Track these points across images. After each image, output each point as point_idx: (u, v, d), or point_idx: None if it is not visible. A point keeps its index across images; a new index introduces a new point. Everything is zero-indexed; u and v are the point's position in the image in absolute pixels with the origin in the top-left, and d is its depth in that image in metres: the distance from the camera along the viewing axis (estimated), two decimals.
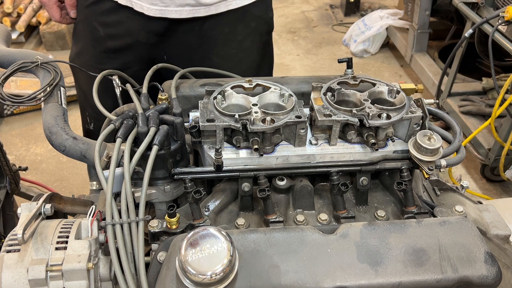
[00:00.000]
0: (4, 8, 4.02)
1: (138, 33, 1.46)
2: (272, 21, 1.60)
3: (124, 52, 1.50)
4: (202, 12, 1.41)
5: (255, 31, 1.54)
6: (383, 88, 1.13)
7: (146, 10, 1.39)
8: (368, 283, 0.79)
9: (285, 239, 0.85)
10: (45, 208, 0.92)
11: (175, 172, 0.99)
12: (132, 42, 1.48)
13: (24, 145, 3.18)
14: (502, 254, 1.00)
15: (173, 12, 1.39)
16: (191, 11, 1.40)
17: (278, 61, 4.18)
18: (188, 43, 1.48)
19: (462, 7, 2.84)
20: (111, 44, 1.49)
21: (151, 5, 1.38)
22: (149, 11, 1.39)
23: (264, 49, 1.63)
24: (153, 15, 1.40)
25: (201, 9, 1.41)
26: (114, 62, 1.36)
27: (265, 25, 1.57)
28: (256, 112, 1.02)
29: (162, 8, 1.39)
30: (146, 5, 1.38)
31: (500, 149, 2.56)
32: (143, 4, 1.38)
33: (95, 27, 1.48)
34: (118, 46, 1.49)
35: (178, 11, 1.39)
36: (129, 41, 1.48)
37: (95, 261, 0.88)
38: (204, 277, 0.73)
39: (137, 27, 1.44)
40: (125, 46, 1.49)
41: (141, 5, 1.39)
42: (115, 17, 1.45)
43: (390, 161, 1.04)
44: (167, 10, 1.39)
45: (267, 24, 1.58)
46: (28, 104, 1.10)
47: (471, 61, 3.27)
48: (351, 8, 4.94)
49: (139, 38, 1.47)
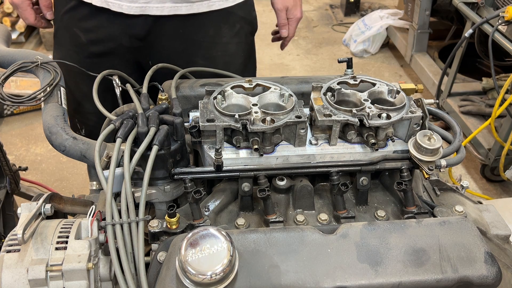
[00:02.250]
0: (4, 8, 4.02)
1: (120, 36, 1.42)
2: (255, 21, 1.61)
3: (108, 56, 1.46)
4: (184, 10, 1.38)
5: (240, 33, 1.53)
6: (383, 88, 1.13)
7: (126, 9, 1.35)
8: (368, 283, 0.79)
9: (285, 239, 0.85)
10: (45, 208, 0.92)
11: (175, 172, 0.99)
12: (115, 46, 1.44)
13: (24, 145, 3.18)
14: (502, 254, 1.00)
15: (154, 8, 1.36)
16: (172, 7, 1.37)
17: (278, 61, 4.18)
18: (172, 47, 1.46)
19: (462, 7, 2.84)
20: (94, 49, 1.45)
21: (131, 3, 1.34)
22: (129, 9, 1.35)
23: (249, 51, 1.62)
24: (134, 13, 1.36)
25: (182, 6, 1.37)
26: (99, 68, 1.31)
27: (249, 26, 1.57)
28: (256, 112, 1.02)
29: (142, 5, 1.35)
30: (125, 4, 1.34)
31: (500, 149, 2.56)
32: (122, 3, 1.34)
33: (75, 33, 1.44)
34: (101, 51, 1.45)
35: (159, 7, 1.36)
36: (112, 45, 1.44)
37: (95, 261, 0.88)
38: (204, 277, 0.73)
39: (118, 30, 1.41)
40: (109, 50, 1.45)
41: (119, 4, 1.34)
42: (94, 22, 1.41)
43: (390, 161, 1.04)
44: (148, 7, 1.35)
45: (251, 25, 1.58)
46: (28, 104, 1.10)
47: (471, 61, 3.27)
48: (351, 8, 4.94)
49: (122, 42, 1.43)
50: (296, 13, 1.62)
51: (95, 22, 1.41)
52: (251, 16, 1.57)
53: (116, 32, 1.42)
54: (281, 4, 1.59)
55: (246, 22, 1.55)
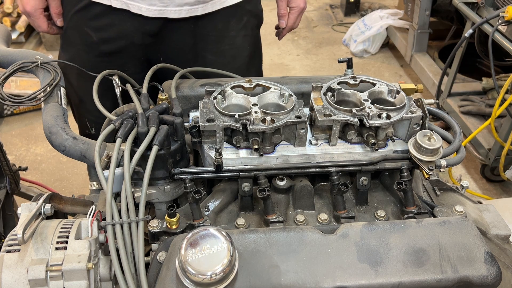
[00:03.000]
0: (4, 8, 4.02)
1: (132, 34, 1.43)
2: (261, 14, 1.60)
3: (119, 55, 1.47)
4: (200, 11, 1.41)
5: (247, 26, 1.54)
6: (383, 88, 1.13)
7: (145, 12, 1.37)
8: (368, 283, 0.79)
9: (285, 239, 0.85)
10: (45, 208, 0.92)
11: (175, 172, 0.99)
12: (127, 44, 1.45)
13: (24, 145, 3.18)
14: (502, 254, 1.00)
15: (172, 12, 1.38)
16: (189, 10, 1.39)
17: (278, 61, 4.18)
18: (182, 42, 1.47)
19: (462, 7, 2.84)
20: (105, 48, 1.46)
21: (150, 6, 1.37)
22: (148, 12, 1.37)
23: (255, 43, 1.63)
24: (152, 15, 1.38)
25: (198, 7, 1.40)
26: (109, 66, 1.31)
27: (255, 19, 1.57)
28: (256, 112, 1.02)
29: (161, 8, 1.37)
30: (144, 6, 1.37)
31: (500, 149, 2.56)
32: (141, 5, 1.36)
33: (86, 32, 1.44)
34: (112, 50, 1.46)
35: (177, 10, 1.38)
36: (123, 43, 1.45)
37: (95, 261, 0.88)
38: (204, 277, 0.73)
39: (131, 28, 1.42)
40: (120, 49, 1.46)
41: (139, 6, 1.37)
42: (107, 20, 1.41)
43: (390, 161, 1.04)
44: (166, 10, 1.38)
45: (257, 18, 1.58)
46: (28, 104, 1.10)
47: (471, 61, 3.27)
48: (351, 8, 4.94)
49: (133, 40, 1.45)
50: (299, 2, 1.56)
51: (107, 21, 1.41)
52: (257, 9, 1.57)
53: (129, 30, 1.43)
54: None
55: (253, 15, 1.55)
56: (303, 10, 1.59)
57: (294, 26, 1.63)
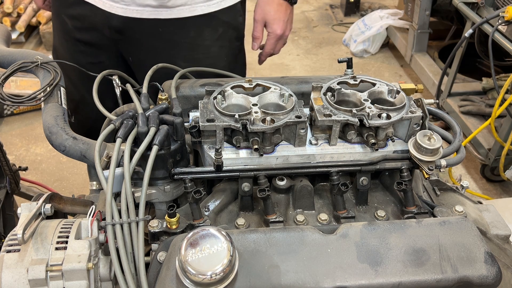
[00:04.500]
0: (4, 8, 4.02)
1: (101, 27, 1.46)
2: (242, 27, 1.56)
3: (94, 45, 1.51)
4: (164, 15, 1.40)
5: (223, 37, 1.50)
6: (383, 88, 1.13)
7: (108, 8, 1.40)
8: (368, 283, 0.79)
9: (285, 239, 0.85)
10: (45, 208, 0.92)
11: (175, 172, 0.99)
12: (98, 36, 1.48)
13: (24, 145, 3.18)
14: (502, 254, 1.00)
15: (134, 11, 1.40)
16: (152, 12, 1.39)
17: (278, 61, 4.18)
18: (151, 45, 1.47)
19: (462, 7, 2.84)
20: (79, 36, 1.51)
21: (113, 3, 1.39)
22: (111, 8, 1.40)
23: (235, 56, 1.59)
24: (115, 12, 1.40)
25: (162, 11, 1.39)
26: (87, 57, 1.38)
27: (233, 31, 1.53)
28: (256, 112, 1.02)
29: (123, 7, 1.39)
30: (108, 2, 1.39)
31: (500, 149, 2.56)
32: (105, 1, 1.39)
33: (63, 19, 1.51)
34: (86, 39, 1.50)
35: (139, 10, 1.39)
36: (95, 35, 1.48)
37: (95, 261, 0.88)
38: (204, 277, 0.73)
39: (100, 21, 1.45)
40: (93, 39, 1.50)
41: (103, 2, 1.40)
42: (80, 10, 1.46)
43: (390, 161, 1.04)
44: (129, 9, 1.39)
45: (236, 30, 1.53)
46: (28, 104, 1.10)
47: (471, 61, 3.27)
48: (351, 8, 4.94)
49: (104, 33, 1.47)
50: (275, 28, 1.49)
51: (80, 11, 1.46)
52: (236, 21, 1.52)
53: (98, 23, 1.46)
54: (259, 14, 1.50)
55: (231, 27, 1.51)
56: (281, 37, 1.53)
57: (274, 52, 1.58)
